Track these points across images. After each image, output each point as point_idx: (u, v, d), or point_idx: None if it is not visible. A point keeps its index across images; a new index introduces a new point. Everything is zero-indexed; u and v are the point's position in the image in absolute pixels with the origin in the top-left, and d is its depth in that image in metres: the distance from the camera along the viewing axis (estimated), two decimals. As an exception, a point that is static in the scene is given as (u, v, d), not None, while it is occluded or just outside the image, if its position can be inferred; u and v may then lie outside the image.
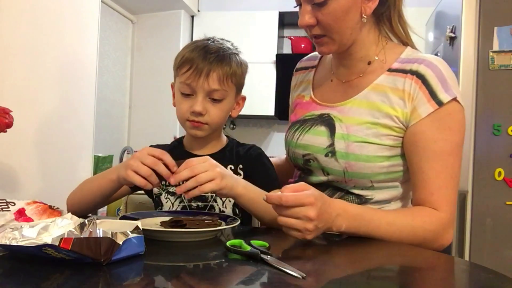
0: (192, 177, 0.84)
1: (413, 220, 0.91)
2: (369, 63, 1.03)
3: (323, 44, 0.99)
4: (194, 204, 1.06)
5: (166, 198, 1.07)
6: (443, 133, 0.93)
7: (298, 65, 1.25)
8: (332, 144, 1.00)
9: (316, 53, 1.21)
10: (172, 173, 0.86)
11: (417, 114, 0.94)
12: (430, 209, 0.93)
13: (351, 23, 0.96)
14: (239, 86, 1.07)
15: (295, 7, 1.00)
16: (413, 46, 1.04)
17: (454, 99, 0.93)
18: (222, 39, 1.08)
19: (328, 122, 1.03)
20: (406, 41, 1.04)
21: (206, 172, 0.84)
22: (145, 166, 0.85)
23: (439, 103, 0.92)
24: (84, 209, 1.02)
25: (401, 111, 0.95)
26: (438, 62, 0.96)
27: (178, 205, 1.06)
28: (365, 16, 0.96)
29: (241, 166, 1.07)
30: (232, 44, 1.09)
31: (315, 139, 1.04)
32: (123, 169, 0.88)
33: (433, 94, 0.93)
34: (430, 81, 0.94)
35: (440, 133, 0.93)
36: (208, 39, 1.06)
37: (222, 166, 0.89)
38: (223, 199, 1.04)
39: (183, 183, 0.85)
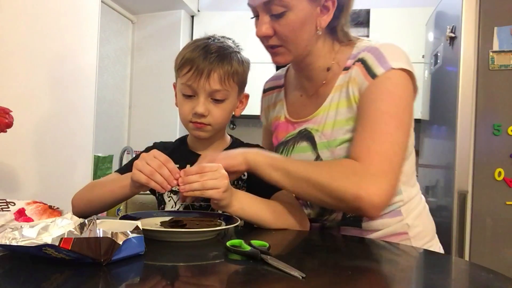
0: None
1: (330, 162, 0.95)
2: (328, 70, 1.04)
3: (278, 54, 0.99)
4: (197, 204, 1.05)
5: (168, 197, 1.07)
6: (381, 95, 0.92)
7: (265, 86, 1.26)
8: (318, 157, 1.01)
9: (279, 72, 1.23)
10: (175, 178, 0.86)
11: (361, 91, 0.95)
12: (347, 159, 0.91)
13: (307, 35, 0.97)
14: (242, 84, 1.06)
15: (252, 18, 1.01)
16: (362, 39, 1.05)
17: (392, 69, 0.92)
18: (223, 37, 1.07)
19: (307, 137, 1.04)
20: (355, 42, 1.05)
21: (214, 180, 0.84)
22: (149, 166, 0.85)
23: (373, 76, 0.93)
24: (92, 211, 1.00)
25: (353, 98, 0.97)
26: (379, 45, 0.97)
27: (181, 204, 1.06)
28: (320, 29, 0.98)
29: None
30: (233, 42, 1.08)
31: (300, 156, 1.05)
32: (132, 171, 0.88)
33: (369, 70, 0.94)
34: (368, 61, 0.95)
35: (379, 95, 0.92)
36: (209, 38, 1.05)
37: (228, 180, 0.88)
38: None
39: None
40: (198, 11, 3.65)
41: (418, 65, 3.04)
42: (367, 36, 3.54)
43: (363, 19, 3.49)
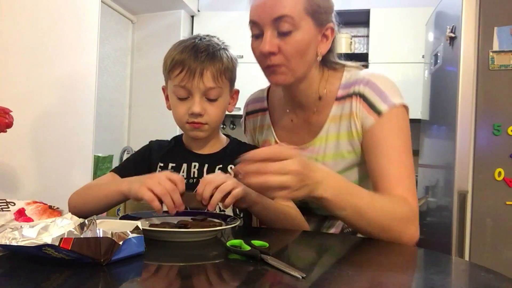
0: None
1: (390, 201, 0.90)
2: (319, 98, 1.05)
3: (280, 73, 0.98)
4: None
5: None
6: (392, 131, 0.97)
7: (248, 108, 1.26)
8: None
9: (259, 94, 1.23)
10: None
11: (365, 126, 0.99)
12: (400, 196, 0.92)
13: (309, 58, 0.98)
14: (232, 81, 1.07)
15: (252, 36, 1.01)
16: (347, 65, 1.08)
17: (394, 106, 0.97)
18: (208, 35, 1.07)
19: None
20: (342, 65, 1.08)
21: (226, 182, 0.83)
22: (161, 186, 0.82)
23: (379, 113, 0.97)
24: (87, 213, 0.98)
25: (356, 132, 1.00)
26: (374, 78, 1.00)
27: None
28: (320, 55, 1.00)
29: None
30: (218, 39, 1.08)
31: None
32: (137, 184, 0.85)
33: (372, 107, 0.98)
34: (369, 97, 0.99)
35: (390, 131, 0.97)
36: (195, 38, 1.05)
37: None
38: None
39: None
40: (198, 11, 3.65)
41: (418, 65, 3.04)
42: (367, 36, 3.54)
43: (363, 19, 3.50)
